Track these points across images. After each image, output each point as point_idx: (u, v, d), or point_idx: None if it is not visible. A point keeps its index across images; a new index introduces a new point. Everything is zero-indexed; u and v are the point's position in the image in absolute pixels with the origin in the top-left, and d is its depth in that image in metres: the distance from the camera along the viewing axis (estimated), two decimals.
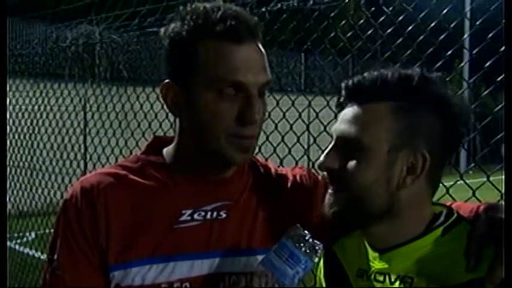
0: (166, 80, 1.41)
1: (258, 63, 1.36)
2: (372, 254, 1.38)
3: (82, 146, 6.24)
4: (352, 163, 1.30)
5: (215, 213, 1.43)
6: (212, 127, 1.35)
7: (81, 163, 5.99)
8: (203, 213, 1.42)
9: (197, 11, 1.36)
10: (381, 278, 1.33)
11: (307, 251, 1.30)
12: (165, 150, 1.51)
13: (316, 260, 1.33)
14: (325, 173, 1.38)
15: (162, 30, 1.42)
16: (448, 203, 1.45)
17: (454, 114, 1.31)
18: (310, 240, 1.31)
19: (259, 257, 1.37)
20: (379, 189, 1.29)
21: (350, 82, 1.36)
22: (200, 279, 1.38)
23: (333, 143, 1.35)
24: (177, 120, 1.46)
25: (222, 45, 1.33)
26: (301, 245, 1.30)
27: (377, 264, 1.36)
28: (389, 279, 1.32)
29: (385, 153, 1.28)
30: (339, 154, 1.32)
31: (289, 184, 1.56)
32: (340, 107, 1.39)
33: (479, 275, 1.21)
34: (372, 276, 1.35)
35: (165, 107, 1.46)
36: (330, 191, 1.36)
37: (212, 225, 1.42)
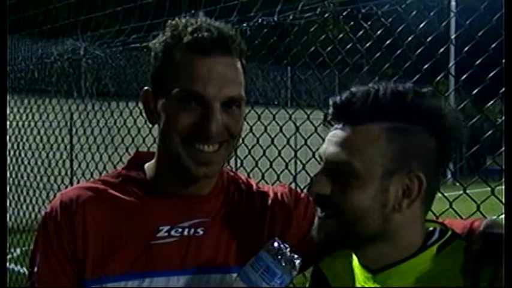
0: (145, 88, 1.45)
1: (223, 77, 1.34)
2: (364, 274, 1.33)
3: (67, 162, 6.22)
4: (344, 188, 1.23)
5: (192, 230, 1.43)
6: (172, 136, 1.36)
7: (66, 179, 5.96)
8: (180, 230, 1.43)
9: (175, 24, 1.39)
10: None
11: (284, 264, 1.27)
12: (146, 166, 1.52)
13: (295, 273, 1.30)
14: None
15: (150, 43, 1.45)
16: (440, 220, 1.43)
17: (447, 129, 1.26)
18: (288, 253, 1.29)
19: (235, 275, 1.35)
20: (374, 214, 1.24)
21: (339, 100, 1.28)
22: None
23: (322, 166, 1.28)
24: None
25: (187, 56, 1.34)
26: (278, 258, 1.27)
27: (370, 284, 1.31)
28: None
29: (379, 177, 1.22)
30: (329, 179, 1.26)
31: (269, 201, 1.55)
32: (328, 124, 1.32)
33: None
34: None
35: (148, 122, 1.48)
36: (319, 215, 1.30)
37: (189, 242, 1.42)
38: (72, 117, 6.38)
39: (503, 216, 2.33)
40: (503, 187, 2.42)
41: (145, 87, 1.45)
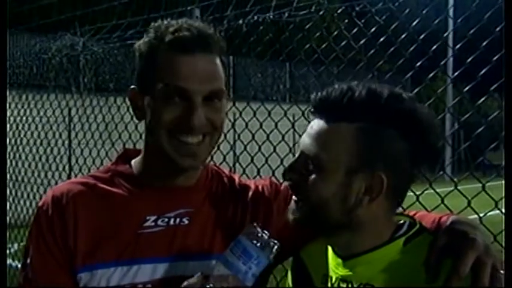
0: (132, 87, 1.54)
1: (205, 73, 1.43)
2: (335, 260, 1.42)
3: (65, 157, 6.23)
4: (311, 177, 1.33)
5: (178, 220, 1.51)
6: (158, 130, 1.44)
7: (64, 174, 5.97)
8: (166, 220, 1.51)
9: (160, 25, 1.47)
10: (344, 285, 1.37)
11: (260, 247, 1.35)
12: (133, 161, 1.61)
13: (272, 257, 1.37)
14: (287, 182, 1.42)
15: (135, 44, 1.53)
16: (412, 213, 1.49)
17: (420, 133, 1.30)
18: (265, 237, 1.36)
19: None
20: (335, 205, 1.32)
21: (318, 96, 1.36)
22: (162, 281, 1.46)
23: (297, 154, 1.37)
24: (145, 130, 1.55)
25: (170, 54, 1.43)
26: (254, 242, 1.35)
27: (341, 270, 1.39)
28: (352, 285, 1.36)
29: (342, 173, 1.30)
30: (301, 166, 1.35)
31: (251, 193, 1.63)
32: (312, 116, 1.40)
33: (438, 285, 1.24)
34: (336, 283, 1.40)
35: (135, 119, 1.56)
36: (294, 198, 1.41)
37: (175, 231, 1.50)
38: (70, 113, 6.38)
39: (492, 212, 2.35)
40: (496, 183, 2.44)
41: (132, 86, 1.54)
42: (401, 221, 1.41)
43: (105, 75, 8.89)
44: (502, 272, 1.22)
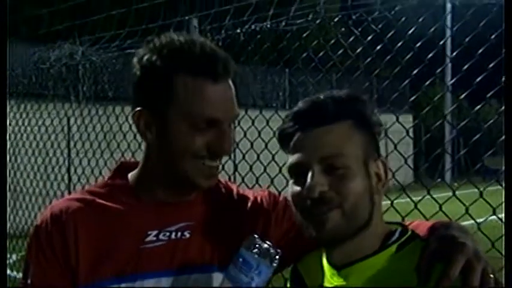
0: (139, 108, 1.47)
1: (230, 100, 1.46)
2: (330, 270, 1.43)
3: (64, 167, 6.23)
4: (341, 180, 1.34)
5: (179, 234, 1.51)
6: (182, 156, 1.44)
7: (62, 185, 5.97)
8: (168, 234, 1.50)
9: (174, 45, 1.44)
10: None
11: (260, 257, 1.35)
12: (130, 175, 1.59)
13: (274, 265, 1.36)
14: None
15: (135, 59, 1.49)
16: (407, 223, 1.51)
17: (376, 125, 1.43)
18: (265, 246, 1.36)
19: (220, 274, 1.44)
20: (366, 199, 1.36)
21: (308, 107, 1.40)
22: None
23: (315, 169, 1.34)
24: (144, 145, 1.54)
25: (198, 82, 1.42)
26: (254, 251, 1.35)
27: (335, 280, 1.40)
28: None
29: (361, 166, 1.36)
30: (323, 176, 1.34)
31: (250, 204, 1.63)
32: (290, 134, 1.40)
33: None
34: None
35: (141, 138, 1.53)
36: (321, 211, 1.35)
37: (176, 245, 1.49)
38: (69, 122, 6.38)
39: (492, 217, 2.36)
40: (496, 188, 2.44)
41: (138, 108, 1.47)
42: (394, 229, 1.44)
43: (104, 84, 8.91)
44: (491, 276, 1.25)
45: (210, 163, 1.46)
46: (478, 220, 2.36)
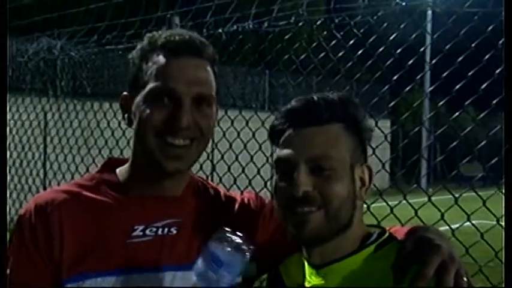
0: (124, 93, 1.53)
1: (193, 75, 1.44)
2: (309, 270, 1.44)
3: (39, 162, 6.16)
4: (326, 182, 1.35)
5: (166, 229, 1.50)
6: (145, 131, 1.44)
7: (37, 180, 5.90)
8: (155, 229, 1.49)
9: (154, 35, 1.51)
10: None
11: (231, 251, 1.29)
12: (118, 170, 1.58)
13: (246, 260, 1.31)
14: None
15: (130, 55, 1.55)
16: (388, 227, 1.53)
17: (366, 130, 1.45)
18: (237, 240, 1.31)
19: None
20: (348, 202, 1.38)
21: (302, 105, 1.41)
22: None
23: (302, 168, 1.35)
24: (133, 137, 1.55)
25: (161, 57, 1.45)
26: (224, 247, 1.29)
27: (314, 280, 1.42)
28: None
29: (348, 170, 1.38)
30: (310, 176, 1.36)
31: (237, 205, 1.64)
32: (281, 130, 1.42)
33: (404, 286, 1.29)
34: None
35: (122, 124, 1.55)
36: (303, 211, 1.36)
37: (163, 241, 1.48)
38: (46, 117, 6.31)
39: (467, 223, 2.38)
40: (470, 194, 2.46)
41: (124, 92, 1.54)
42: (372, 231, 1.46)
43: (82, 80, 8.83)
44: (465, 279, 1.28)
45: (171, 140, 1.43)
46: (453, 226, 2.38)
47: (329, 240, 1.39)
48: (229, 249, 1.29)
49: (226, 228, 1.36)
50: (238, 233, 1.35)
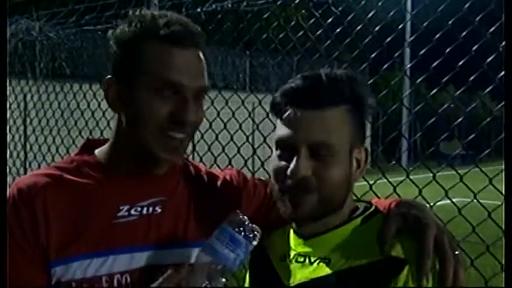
0: (109, 76, 1.48)
1: (196, 68, 1.43)
2: (296, 240, 1.47)
3: (19, 144, 6.11)
4: (324, 166, 1.36)
5: (151, 209, 1.50)
6: (145, 124, 1.41)
7: (18, 162, 5.86)
8: (139, 209, 1.49)
9: (145, 16, 1.45)
10: (301, 259, 1.43)
11: (247, 234, 1.36)
12: (97, 151, 1.57)
13: (255, 243, 1.38)
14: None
15: (110, 32, 1.48)
16: (369, 199, 1.57)
17: (370, 110, 1.45)
18: (249, 224, 1.37)
19: (193, 249, 1.45)
20: (344, 185, 1.40)
21: (297, 86, 1.40)
22: (139, 271, 1.45)
23: (302, 152, 1.36)
24: (115, 119, 1.52)
25: (164, 47, 1.40)
26: (241, 229, 1.35)
27: (299, 248, 1.45)
28: (309, 260, 1.42)
29: (347, 154, 1.39)
30: (308, 160, 1.36)
31: (220, 182, 1.65)
32: (281, 111, 1.41)
33: (389, 255, 1.33)
34: (294, 258, 1.45)
35: (102, 105, 1.51)
36: (300, 193, 1.39)
37: (149, 220, 1.48)
38: (26, 99, 6.26)
39: (441, 202, 2.42)
40: (450, 172, 2.50)
41: (108, 76, 1.48)
42: (359, 205, 1.50)
43: (61, 61, 8.74)
44: (456, 253, 1.32)
45: (173, 134, 1.42)
46: (432, 203, 2.42)
47: (321, 219, 1.42)
48: (244, 231, 1.36)
49: (238, 211, 1.39)
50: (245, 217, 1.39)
